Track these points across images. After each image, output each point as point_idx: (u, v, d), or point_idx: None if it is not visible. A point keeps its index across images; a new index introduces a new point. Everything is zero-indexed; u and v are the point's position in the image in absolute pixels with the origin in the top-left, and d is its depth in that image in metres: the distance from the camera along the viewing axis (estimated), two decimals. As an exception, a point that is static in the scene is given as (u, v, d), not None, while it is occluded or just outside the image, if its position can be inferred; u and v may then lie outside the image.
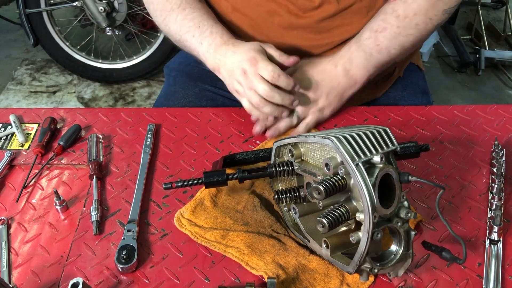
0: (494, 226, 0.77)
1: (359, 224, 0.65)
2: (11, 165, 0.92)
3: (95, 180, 0.87)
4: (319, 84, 0.95)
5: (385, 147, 0.66)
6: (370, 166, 0.64)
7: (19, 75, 2.89)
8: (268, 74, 0.86)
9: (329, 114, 0.98)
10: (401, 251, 0.67)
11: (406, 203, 0.67)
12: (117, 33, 2.72)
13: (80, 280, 0.66)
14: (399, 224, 0.66)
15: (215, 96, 1.16)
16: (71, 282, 0.66)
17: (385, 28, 0.94)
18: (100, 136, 0.97)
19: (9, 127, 1.00)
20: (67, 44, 2.66)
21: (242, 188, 0.85)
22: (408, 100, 1.16)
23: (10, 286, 0.72)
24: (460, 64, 2.91)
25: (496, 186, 0.83)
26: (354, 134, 0.65)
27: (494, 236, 0.77)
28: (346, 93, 0.98)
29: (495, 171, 0.86)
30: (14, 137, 0.98)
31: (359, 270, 0.67)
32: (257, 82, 0.87)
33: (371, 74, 0.98)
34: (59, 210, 0.83)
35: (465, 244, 0.67)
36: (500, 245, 0.77)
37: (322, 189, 0.62)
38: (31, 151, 0.94)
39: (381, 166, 0.63)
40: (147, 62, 2.66)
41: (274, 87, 0.87)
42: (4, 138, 0.98)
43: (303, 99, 0.95)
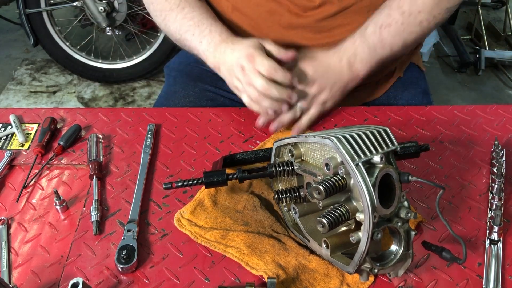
0: (494, 226, 0.77)
1: (359, 224, 0.65)
2: (11, 165, 0.92)
3: (95, 180, 0.87)
4: (324, 77, 0.95)
5: (385, 147, 0.66)
6: (370, 166, 0.64)
7: (19, 75, 2.89)
8: (265, 69, 0.87)
9: (331, 106, 0.98)
10: (401, 251, 0.67)
11: (406, 203, 0.67)
12: (117, 33, 2.72)
13: (80, 280, 0.66)
14: (399, 224, 0.66)
15: (215, 96, 1.16)
16: (71, 282, 0.66)
17: (389, 24, 0.94)
18: (100, 136, 0.97)
19: (9, 127, 1.00)
20: (67, 44, 2.66)
21: (241, 188, 0.85)
22: (408, 100, 1.16)
23: (10, 286, 0.72)
24: (460, 64, 2.91)
25: (496, 186, 0.83)
26: (354, 134, 0.65)
27: (494, 236, 0.77)
28: (349, 86, 0.98)
29: (495, 171, 0.86)
30: (14, 137, 0.98)
31: (359, 270, 0.67)
32: (254, 78, 0.88)
33: (373, 69, 0.98)
34: (59, 210, 0.83)
35: (465, 244, 0.67)
36: (500, 245, 0.77)
37: (322, 189, 0.62)
38: (31, 151, 0.94)
39: (381, 166, 0.63)
40: (147, 62, 2.66)
41: (271, 82, 0.88)
42: (4, 138, 0.98)
43: (307, 91, 0.94)
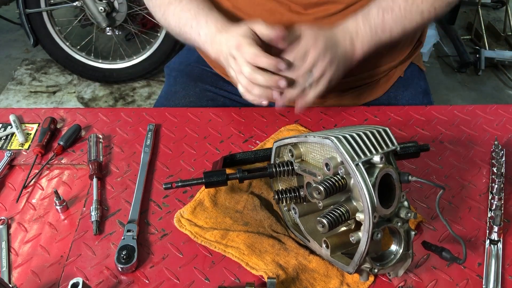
0: (494, 226, 0.77)
1: (359, 224, 0.65)
2: (11, 165, 0.92)
3: (95, 180, 0.87)
4: (333, 50, 0.92)
5: (385, 147, 0.66)
6: (370, 166, 0.64)
7: (19, 75, 2.89)
8: (249, 57, 0.86)
9: (335, 82, 0.96)
10: (401, 251, 0.67)
11: (406, 203, 0.67)
12: (117, 33, 2.71)
13: (80, 280, 0.66)
14: (399, 224, 0.66)
15: (215, 96, 1.16)
16: (71, 282, 0.66)
17: (392, 8, 0.94)
18: (100, 136, 0.97)
19: (9, 127, 1.00)
20: (67, 44, 2.66)
21: (241, 188, 0.85)
22: (409, 100, 1.16)
23: (10, 286, 0.72)
24: (460, 64, 2.91)
25: (496, 186, 0.83)
26: (354, 134, 0.65)
27: (494, 236, 0.77)
28: (350, 64, 0.97)
29: (495, 171, 0.86)
30: (14, 137, 0.98)
31: (359, 270, 0.67)
32: (243, 66, 0.88)
33: (369, 52, 0.97)
34: (59, 210, 0.83)
35: (465, 244, 0.67)
36: (500, 245, 0.77)
37: (322, 189, 0.62)
38: (31, 151, 0.94)
39: (381, 166, 0.63)
40: (147, 62, 2.66)
41: (257, 69, 0.87)
42: (4, 138, 0.98)
43: (318, 64, 0.91)
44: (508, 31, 3.09)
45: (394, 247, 0.68)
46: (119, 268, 0.73)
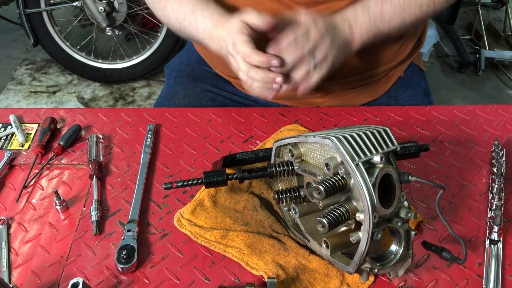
0: (494, 226, 0.77)
1: (359, 224, 0.65)
2: (11, 165, 0.92)
3: (95, 180, 0.87)
4: (333, 33, 0.92)
5: (385, 147, 0.66)
6: (370, 166, 0.64)
7: (19, 75, 2.89)
8: (242, 56, 0.87)
9: (335, 68, 0.94)
10: (401, 251, 0.67)
11: (406, 203, 0.67)
12: (117, 33, 2.72)
13: (80, 280, 0.66)
14: (399, 224, 0.66)
15: (215, 96, 1.16)
16: (71, 282, 0.66)
17: None
18: (100, 136, 0.97)
19: (9, 127, 1.00)
20: (67, 44, 2.66)
21: (241, 188, 0.85)
22: (409, 100, 1.16)
23: (10, 286, 0.72)
24: (460, 64, 2.91)
25: (496, 186, 0.83)
26: (354, 134, 0.65)
27: (494, 236, 0.77)
28: (349, 52, 0.96)
29: (495, 171, 0.86)
30: (14, 137, 0.98)
31: (359, 270, 0.67)
32: (240, 64, 0.88)
33: (368, 41, 0.97)
34: (59, 210, 0.83)
35: (465, 244, 0.67)
36: (500, 245, 0.77)
37: (322, 189, 0.62)
38: (31, 151, 0.94)
39: (381, 166, 0.63)
40: (147, 62, 2.66)
41: (253, 67, 0.87)
42: (4, 138, 0.98)
43: (319, 45, 0.90)
44: (508, 31, 3.09)
45: (394, 247, 0.68)
46: (119, 268, 0.73)
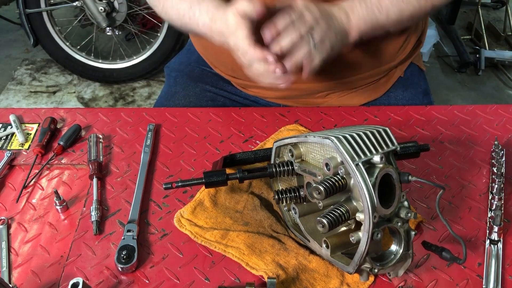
0: (494, 226, 0.77)
1: (359, 224, 0.65)
2: (11, 165, 0.92)
3: (95, 180, 0.87)
4: (327, 20, 0.91)
5: (385, 147, 0.66)
6: (370, 166, 0.64)
7: (19, 75, 2.89)
8: (240, 53, 0.87)
9: (335, 54, 0.94)
10: (401, 251, 0.67)
11: (406, 203, 0.67)
12: (117, 33, 2.71)
13: (80, 280, 0.66)
14: (399, 224, 0.66)
15: (215, 96, 1.16)
16: (71, 282, 0.66)
17: None
18: (100, 136, 0.97)
19: (9, 127, 1.00)
20: (67, 44, 2.66)
21: (241, 188, 0.85)
22: (409, 100, 1.15)
23: (10, 286, 0.72)
24: (460, 64, 2.91)
25: (496, 186, 0.83)
26: (354, 134, 0.65)
27: (494, 236, 0.77)
28: (347, 40, 0.95)
29: (495, 171, 0.86)
30: (14, 137, 0.98)
31: (359, 270, 0.67)
32: (242, 58, 0.88)
33: (366, 32, 0.96)
34: (59, 210, 0.83)
35: (465, 244, 0.67)
36: (500, 245, 0.77)
37: (322, 189, 0.62)
38: (31, 151, 0.94)
39: (381, 166, 0.63)
40: (147, 62, 2.66)
41: (253, 61, 0.87)
42: (4, 138, 0.98)
43: (313, 29, 0.89)
44: (508, 31, 3.09)
45: (394, 247, 0.68)
46: (119, 268, 0.73)
